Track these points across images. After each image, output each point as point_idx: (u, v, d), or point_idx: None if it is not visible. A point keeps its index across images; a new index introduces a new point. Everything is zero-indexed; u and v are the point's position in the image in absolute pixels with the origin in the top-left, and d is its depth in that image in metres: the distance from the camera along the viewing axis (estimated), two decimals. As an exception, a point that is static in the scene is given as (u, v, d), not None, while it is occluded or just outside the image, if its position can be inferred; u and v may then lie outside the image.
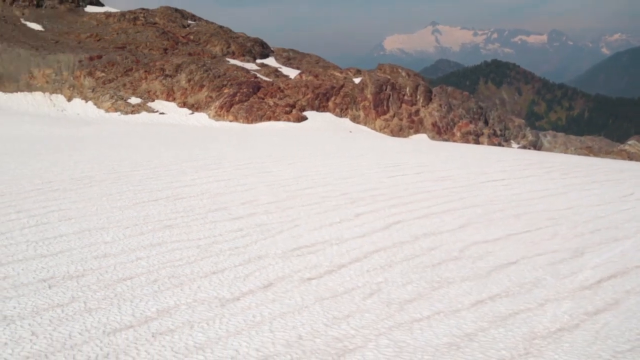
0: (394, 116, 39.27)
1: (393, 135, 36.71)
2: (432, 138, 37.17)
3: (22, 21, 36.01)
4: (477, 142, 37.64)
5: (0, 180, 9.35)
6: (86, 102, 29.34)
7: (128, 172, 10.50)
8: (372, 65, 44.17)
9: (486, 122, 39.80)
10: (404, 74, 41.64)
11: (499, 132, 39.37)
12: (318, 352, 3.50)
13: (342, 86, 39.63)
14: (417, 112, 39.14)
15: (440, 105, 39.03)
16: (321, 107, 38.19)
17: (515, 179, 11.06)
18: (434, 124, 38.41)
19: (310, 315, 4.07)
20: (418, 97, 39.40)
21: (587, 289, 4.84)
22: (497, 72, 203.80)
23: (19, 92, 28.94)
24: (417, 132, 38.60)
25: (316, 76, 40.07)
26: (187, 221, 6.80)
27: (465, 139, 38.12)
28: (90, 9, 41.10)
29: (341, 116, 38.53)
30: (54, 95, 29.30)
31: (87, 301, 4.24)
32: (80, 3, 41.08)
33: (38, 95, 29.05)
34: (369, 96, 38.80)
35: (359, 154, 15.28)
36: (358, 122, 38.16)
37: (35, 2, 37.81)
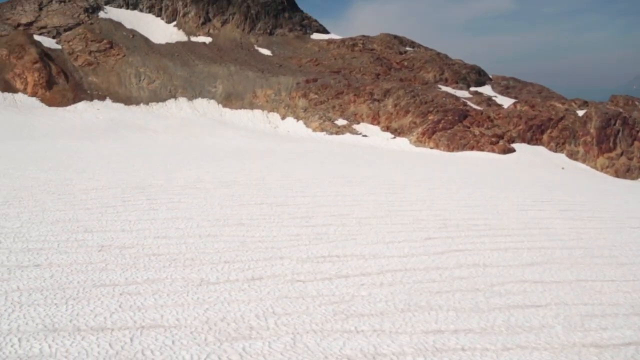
0: (621, 154, 35.01)
1: (617, 177, 32.67)
2: (667, 183, 32.08)
3: (255, 47, 41.51)
4: None
5: (167, 177, 11.30)
6: (297, 121, 32.45)
7: (270, 181, 11.67)
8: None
9: None
10: (641, 107, 36.91)
11: None
12: (221, 332, 3.83)
13: (562, 118, 36.72)
14: (652, 151, 34.31)
15: (686, 146, 33.59)
16: (533, 140, 35.88)
17: (678, 229, 9.38)
18: (672, 167, 33.19)
19: (254, 306, 4.38)
20: (656, 134, 34.52)
21: (594, 347, 4.18)
22: None
23: (242, 109, 33.39)
24: (648, 174, 33.80)
25: (532, 106, 37.84)
26: (262, 223, 7.50)
27: None
28: (315, 36, 45.39)
29: (556, 151, 35.68)
30: (270, 114, 33.12)
31: (109, 264, 5.20)
32: (307, 31, 45.62)
33: (257, 112, 33.16)
34: (592, 131, 35.28)
35: (523, 188, 14.33)
36: (575, 159, 34.86)
37: (268, 31, 43.30)
